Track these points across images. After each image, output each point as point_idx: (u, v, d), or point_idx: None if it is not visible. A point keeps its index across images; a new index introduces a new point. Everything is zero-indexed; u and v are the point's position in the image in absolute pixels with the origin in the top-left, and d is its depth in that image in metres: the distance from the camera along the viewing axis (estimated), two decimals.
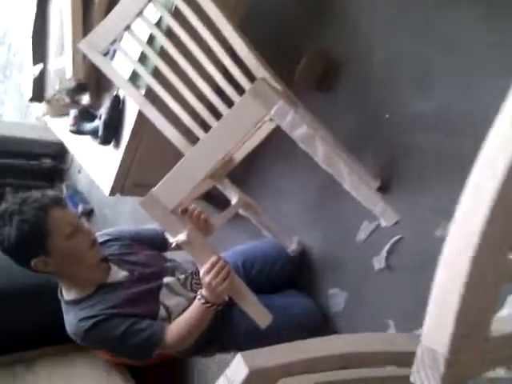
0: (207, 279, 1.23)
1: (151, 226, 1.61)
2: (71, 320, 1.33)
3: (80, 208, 2.90)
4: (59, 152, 3.19)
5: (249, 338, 1.54)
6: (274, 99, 1.11)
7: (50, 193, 1.33)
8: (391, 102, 1.67)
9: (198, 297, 1.32)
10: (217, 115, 1.55)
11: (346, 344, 0.66)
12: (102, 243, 1.47)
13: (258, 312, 1.26)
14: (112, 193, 1.87)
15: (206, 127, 1.57)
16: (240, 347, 1.86)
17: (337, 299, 1.74)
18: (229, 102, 1.53)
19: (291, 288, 1.80)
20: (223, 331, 1.50)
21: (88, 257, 1.35)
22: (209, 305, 1.31)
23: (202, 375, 2.28)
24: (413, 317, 1.57)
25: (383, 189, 1.62)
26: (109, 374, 2.27)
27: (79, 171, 3.06)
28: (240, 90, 1.49)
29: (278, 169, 1.97)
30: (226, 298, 1.34)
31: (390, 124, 1.67)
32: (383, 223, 1.19)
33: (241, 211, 1.60)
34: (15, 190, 2.93)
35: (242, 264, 1.71)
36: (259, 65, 1.44)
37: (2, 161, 2.97)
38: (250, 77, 1.47)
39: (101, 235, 1.51)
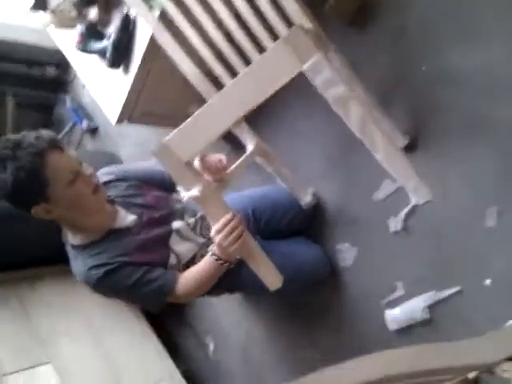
0: (218, 239, 1.17)
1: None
2: (80, 268, 1.28)
3: (84, 124, 2.77)
4: (63, 61, 2.98)
5: (255, 285, 1.52)
6: (311, 51, 0.96)
7: (46, 134, 1.18)
8: (431, 53, 1.50)
9: (210, 253, 1.27)
10: (236, 47, 1.39)
11: (379, 369, 0.60)
12: (106, 183, 1.39)
13: (268, 275, 1.20)
14: (119, 121, 1.76)
15: (223, 61, 1.43)
16: (246, 291, 1.87)
17: (346, 254, 1.69)
18: (250, 34, 1.36)
19: (300, 235, 1.75)
20: (230, 281, 1.46)
21: (92, 202, 1.25)
22: (221, 262, 1.26)
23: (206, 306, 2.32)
24: (422, 281, 1.55)
25: (411, 147, 1.51)
26: None
27: (84, 85, 2.89)
28: (260, 16, 1.32)
29: (296, 110, 1.83)
30: (238, 257, 1.29)
31: (425, 76, 1.51)
32: (414, 200, 1.10)
33: (256, 159, 1.50)
34: (17, 100, 2.82)
35: (251, 211, 1.64)
36: None
37: (2, 66, 2.79)
38: (276, 6, 1.30)
39: (106, 174, 1.41)
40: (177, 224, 1.43)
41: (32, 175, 1.13)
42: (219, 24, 1.39)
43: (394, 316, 1.56)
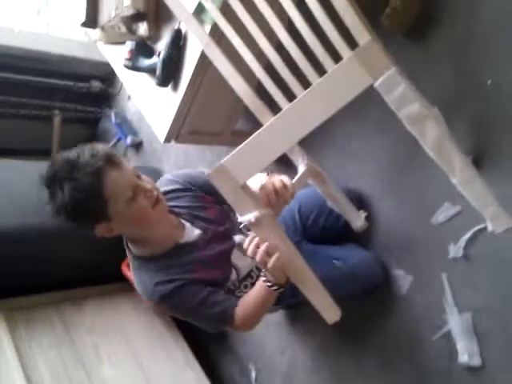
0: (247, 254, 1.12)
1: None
2: (145, 281, 1.24)
3: (128, 140, 2.78)
4: (108, 74, 3.02)
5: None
6: (384, 66, 0.89)
7: (101, 150, 1.13)
8: (497, 65, 1.40)
9: (262, 277, 1.22)
10: (291, 66, 1.33)
11: None
12: (170, 192, 1.34)
13: (325, 306, 1.13)
14: (167, 140, 1.73)
15: (277, 78, 1.38)
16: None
17: (400, 282, 1.60)
18: (304, 48, 1.30)
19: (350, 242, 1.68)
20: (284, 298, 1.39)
21: (154, 216, 1.19)
22: (269, 284, 1.19)
23: None
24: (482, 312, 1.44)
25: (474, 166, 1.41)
26: (153, 317, 2.29)
27: (129, 97, 2.91)
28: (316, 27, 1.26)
29: (348, 127, 1.76)
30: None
31: (491, 90, 1.42)
32: (490, 228, 1.01)
33: (308, 180, 1.44)
34: (63, 115, 2.85)
35: (297, 210, 1.62)
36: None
37: (50, 81, 2.83)
38: (334, 16, 1.23)
39: (170, 182, 1.36)
40: (238, 238, 1.38)
41: (91, 196, 1.09)
42: (270, 37, 1.34)
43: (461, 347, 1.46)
